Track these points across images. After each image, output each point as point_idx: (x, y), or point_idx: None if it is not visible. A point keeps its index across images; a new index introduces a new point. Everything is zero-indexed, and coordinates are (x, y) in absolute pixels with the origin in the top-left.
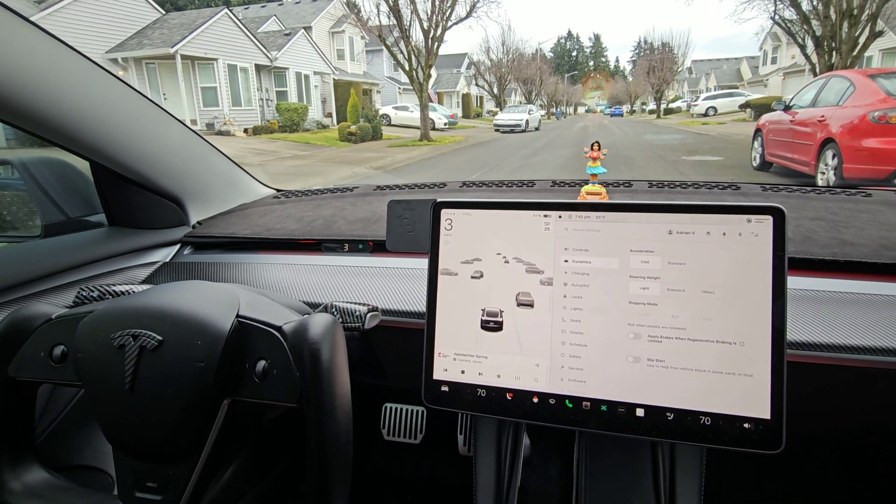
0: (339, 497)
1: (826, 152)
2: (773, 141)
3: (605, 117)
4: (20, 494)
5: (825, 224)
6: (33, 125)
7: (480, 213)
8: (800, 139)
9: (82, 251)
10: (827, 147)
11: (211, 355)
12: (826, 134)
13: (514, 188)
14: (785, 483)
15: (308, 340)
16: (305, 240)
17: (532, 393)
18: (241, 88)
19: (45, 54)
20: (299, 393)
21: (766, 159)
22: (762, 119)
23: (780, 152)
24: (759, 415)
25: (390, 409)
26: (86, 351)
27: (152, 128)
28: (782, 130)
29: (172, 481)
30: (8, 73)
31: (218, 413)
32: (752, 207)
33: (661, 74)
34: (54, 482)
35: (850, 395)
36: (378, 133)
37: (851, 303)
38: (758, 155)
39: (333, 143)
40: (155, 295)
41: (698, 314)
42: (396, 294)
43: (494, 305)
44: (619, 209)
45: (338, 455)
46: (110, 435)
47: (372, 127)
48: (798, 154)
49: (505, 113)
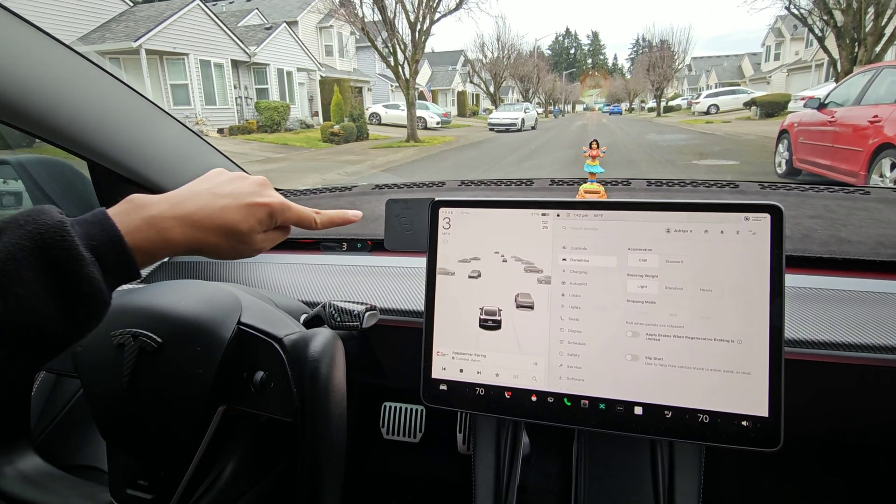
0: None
1: (881, 161)
2: (805, 145)
3: (603, 115)
4: (13, 479)
5: (823, 222)
6: (30, 125)
7: (478, 212)
8: (843, 143)
9: None
10: (883, 154)
11: (209, 363)
12: (881, 138)
13: (513, 186)
14: (786, 481)
15: (308, 357)
16: (304, 239)
17: (530, 391)
18: (215, 85)
19: (40, 52)
20: (295, 409)
21: (795, 166)
22: (789, 119)
23: (815, 158)
24: (757, 413)
25: (389, 407)
26: (85, 346)
27: (149, 126)
28: (817, 133)
29: (164, 481)
30: (2, 71)
31: (212, 419)
32: (749, 205)
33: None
34: (47, 470)
35: (849, 393)
36: (364, 133)
37: (849, 300)
38: (784, 161)
39: (314, 144)
40: (156, 294)
41: (696, 312)
42: (395, 293)
43: (493, 304)
44: (617, 207)
45: (329, 473)
46: (105, 431)
47: (357, 127)
48: (840, 162)
49: (500, 111)
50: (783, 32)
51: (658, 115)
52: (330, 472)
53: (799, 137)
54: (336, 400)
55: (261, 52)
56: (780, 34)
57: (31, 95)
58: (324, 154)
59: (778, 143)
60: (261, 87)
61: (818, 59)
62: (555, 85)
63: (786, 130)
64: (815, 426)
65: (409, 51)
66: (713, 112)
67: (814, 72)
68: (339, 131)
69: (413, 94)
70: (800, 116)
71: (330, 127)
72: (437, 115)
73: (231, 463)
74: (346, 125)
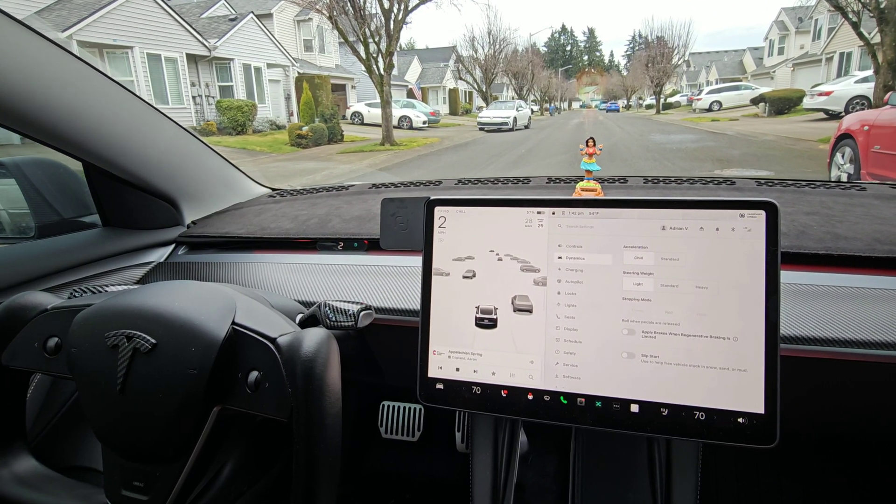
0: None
1: None
2: (880, 156)
3: (600, 113)
4: (8, 481)
5: (819, 218)
6: (25, 126)
7: (474, 211)
8: None
9: (77, 252)
10: None
11: (204, 363)
12: None
13: (510, 185)
14: (783, 477)
15: (301, 356)
16: (300, 238)
17: (527, 390)
18: (167, 83)
19: (35, 54)
20: (290, 409)
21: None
22: (850, 120)
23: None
24: (753, 409)
25: (388, 407)
26: (79, 347)
27: (144, 127)
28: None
29: (159, 482)
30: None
31: (207, 419)
32: (744, 202)
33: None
34: (42, 472)
35: (846, 390)
36: (337, 135)
37: (846, 297)
38: (845, 175)
39: (279, 148)
40: (150, 295)
41: (692, 310)
42: (391, 292)
43: (488, 303)
44: (612, 205)
45: (324, 473)
46: (99, 432)
47: (329, 128)
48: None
49: (490, 110)
50: (787, 26)
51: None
52: (325, 472)
53: (872, 145)
54: (331, 399)
55: (223, 46)
56: (784, 27)
57: (26, 97)
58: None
59: (835, 150)
60: (224, 85)
61: (829, 52)
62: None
63: (848, 135)
64: (811, 422)
65: (383, 42)
66: (716, 109)
67: (824, 65)
68: (307, 133)
69: (388, 91)
70: (873, 117)
71: (297, 128)
72: (424, 115)
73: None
74: (315, 126)
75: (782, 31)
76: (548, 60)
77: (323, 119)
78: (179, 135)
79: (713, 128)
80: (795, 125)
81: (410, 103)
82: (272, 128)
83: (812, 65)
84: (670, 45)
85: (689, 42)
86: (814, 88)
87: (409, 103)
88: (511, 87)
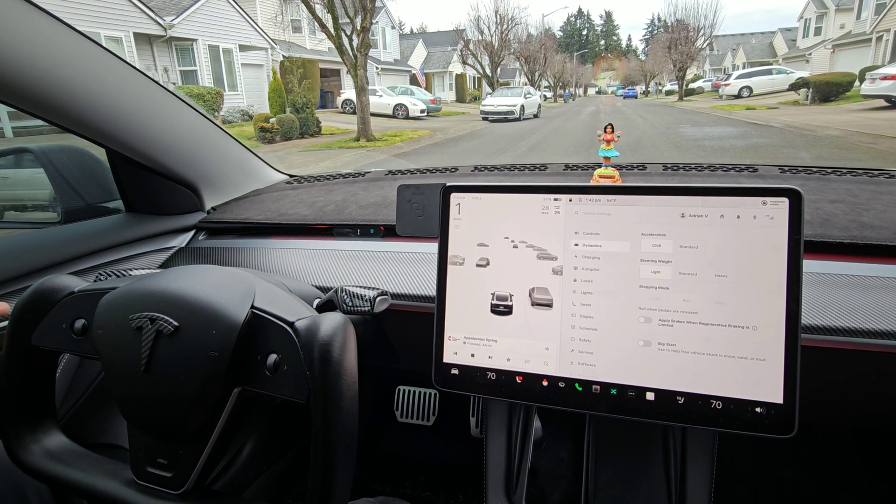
0: (341, 498)
1: None
2: None
3: (618, 99)
4: (40, 456)
5: (845, 206)
6: (50, 113)
7: (490, 198)
8: None
9: (101, 237)
10: None
11: (224, 345)
12: None
13: (527, 172)
14: (801, 469)
15: (318, 340)
16: (317, 225)
17: (542, 376)
18: None
19: (59, 43)
20: (308, 391)
21: None
22: None
23: None
24: (772, 399)
25: (403, 391)
26: (105, 328)
27: (166, 114)
28: None
29: (182, 460)
30: (24, 62)
31: (228, 400)
32: (767, 189)
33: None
34: (71, 447)
35: (868, 381)
36: (311, 127)
37: (871, 287)
38: None
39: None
40: (173, 279)
41: (711, 298)
42: (407, 278)
43: (504, 290)
44: (631, 192)
45: (342, 456)
46: (125, 411)
47: (301, 119)
48: None
49: (494, 97)
50: (826, 3)
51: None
52: (341, 453)
53: None
54: (347, 383)
55: (182, 24)
56: (822, 5)
57: (53, 86)
58: None
59: None
60: (187, 70)
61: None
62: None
63: None
64: (830, 414)
65: (358, 16)
66: (745, 95)
67: (873, 46)
68: (272, 126)
69: (363, 74)
70: None
71: (262, 119)
72: (423, 103)
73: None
74: (284, 117)
75: (820, 10)
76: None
77: (294, 109)
78: (200, 122)
79: (752, 117)
80: (853, 115)
81: (409, 90)
82: (244, 118)
83: (856, 45)
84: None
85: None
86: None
87: (408, 90)
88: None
